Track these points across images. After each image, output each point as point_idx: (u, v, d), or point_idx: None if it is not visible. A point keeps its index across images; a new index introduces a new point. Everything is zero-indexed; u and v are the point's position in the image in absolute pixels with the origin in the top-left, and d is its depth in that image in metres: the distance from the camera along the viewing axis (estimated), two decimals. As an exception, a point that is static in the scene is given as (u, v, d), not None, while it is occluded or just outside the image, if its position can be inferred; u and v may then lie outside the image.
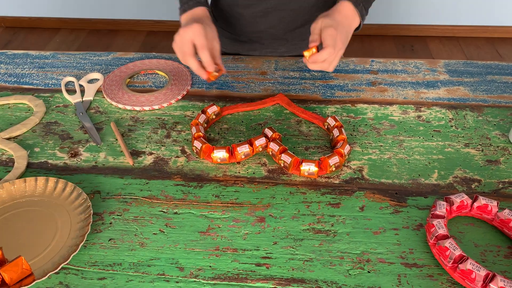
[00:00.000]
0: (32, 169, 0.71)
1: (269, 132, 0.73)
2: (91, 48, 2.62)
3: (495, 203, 0.61)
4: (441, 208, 0.60)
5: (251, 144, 0.71)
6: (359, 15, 0.77)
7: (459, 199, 0.61)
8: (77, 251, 0.57)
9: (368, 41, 2.57)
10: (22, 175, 0.70)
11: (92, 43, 2.67)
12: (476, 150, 0.73)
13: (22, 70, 0.93)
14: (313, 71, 0.91)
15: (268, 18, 0.94)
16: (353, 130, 0.77)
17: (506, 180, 0.68)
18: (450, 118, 0.79)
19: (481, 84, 0.87)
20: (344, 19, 0.75)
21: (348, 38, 0.75)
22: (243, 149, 0.70)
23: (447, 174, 0.69)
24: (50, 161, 0.73)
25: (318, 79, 0.89)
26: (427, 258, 0.58)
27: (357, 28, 0.79)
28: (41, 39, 2.71)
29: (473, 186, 0.67)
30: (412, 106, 0.82)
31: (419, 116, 0.79)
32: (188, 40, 0.74)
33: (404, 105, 0.82)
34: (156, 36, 2.73)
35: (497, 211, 0.61)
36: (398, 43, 2.59)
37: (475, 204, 0.61)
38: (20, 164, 0.71)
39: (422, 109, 0.81)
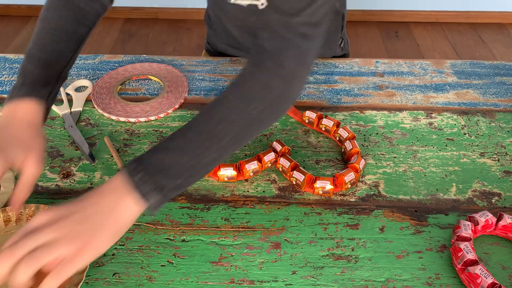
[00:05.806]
0: (20, 193, 0.65)
1: (277, 146, 0.68)
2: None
3: (521, 222, 0.58)
4: (467, 229, 0.57)
5: (259, 160, 0.67)
6: (139, 192, 0.47)
7: (483, 218, 0.59)
8: (78, 292, 0.52)
9: (353, 27, 2.53)
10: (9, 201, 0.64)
11: (66, 32, 2.53)
12: (492, 160, 0.70)
13: (0, 77, 0.85)
14: (316, 73, 0.86)
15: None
16: (364, 140, 0.73)
17: (527, 193, 0.65)
18: (462, 125, 0.76)
19: (491, 86, 0.84)
20: (91, 204, 0.48)
21: (95, 232, 0.46)
22: (251, 166, 0.66)
23: (466, 188, 0.66)
24: (40, 183, 0.66)
25: (323, 83, 0.84)
26: (455, 284, 0.55)
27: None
28: (11, 28, 2.57)
29: (493, 201, 0.64)
30: (423, 112, 0.78)
31: (430, 123, 0.76)
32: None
33: (414, 111, 0.78)
34: (134, 23, 2.62)
35: (524, 231, 0.58)
36: (383, 29, 2.56)
37: (500, 223, 0.59)
38: (7, 188, 0.64)
39: (433, 115, 0.78)
